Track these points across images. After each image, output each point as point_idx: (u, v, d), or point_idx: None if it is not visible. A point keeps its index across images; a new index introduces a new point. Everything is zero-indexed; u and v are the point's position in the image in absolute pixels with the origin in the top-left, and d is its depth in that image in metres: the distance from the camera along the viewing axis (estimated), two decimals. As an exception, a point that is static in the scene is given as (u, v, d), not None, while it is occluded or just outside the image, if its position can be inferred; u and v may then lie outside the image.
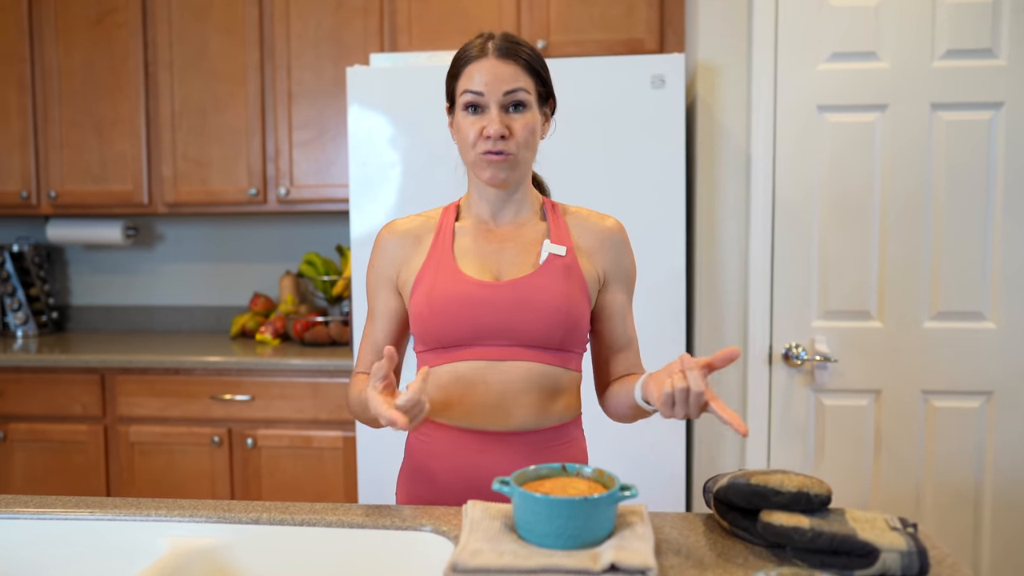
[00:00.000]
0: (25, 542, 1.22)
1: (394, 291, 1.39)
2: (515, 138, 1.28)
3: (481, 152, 1.28)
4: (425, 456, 1.34)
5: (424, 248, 1.36)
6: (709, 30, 2.41)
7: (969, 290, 2.33)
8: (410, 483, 1.38)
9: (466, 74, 1.30)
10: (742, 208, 2.43)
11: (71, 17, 3.03)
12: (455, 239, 1.36)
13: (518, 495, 0.97)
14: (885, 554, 0.95)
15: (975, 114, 2.30)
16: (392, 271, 1.38)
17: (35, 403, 2.81)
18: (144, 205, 3.05)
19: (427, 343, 1.33)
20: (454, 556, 0.91)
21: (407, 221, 1.41)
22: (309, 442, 2.71)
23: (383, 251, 1.39)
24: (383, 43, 2.89)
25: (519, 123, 1.28)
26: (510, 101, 1.28)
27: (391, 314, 1.39)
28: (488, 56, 1.29)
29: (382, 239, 1.40)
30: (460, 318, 1.28)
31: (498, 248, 1.34)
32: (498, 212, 1.37)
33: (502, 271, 1.33)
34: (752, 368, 2.41)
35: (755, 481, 1.05)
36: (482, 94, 1.27)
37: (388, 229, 1.41)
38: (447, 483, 1.30)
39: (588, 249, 1.36)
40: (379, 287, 1.40)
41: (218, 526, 1.19)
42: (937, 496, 2.37)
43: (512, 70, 1.28)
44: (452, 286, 1.30)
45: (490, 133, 1.26)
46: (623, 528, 0.99)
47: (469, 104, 1.29)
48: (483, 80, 1.27)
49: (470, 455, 1.29)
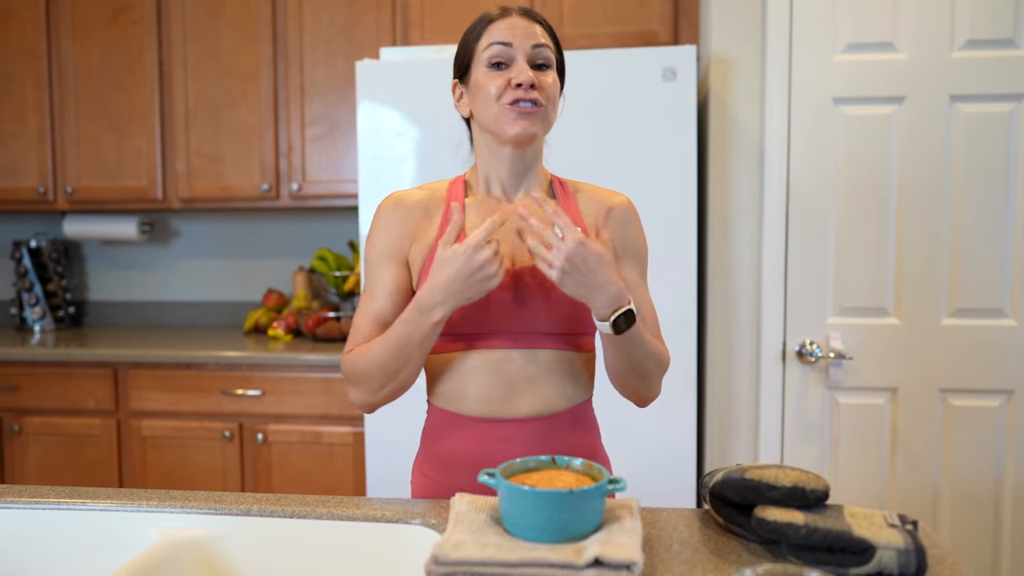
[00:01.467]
0: (17, 531, 1.22)
1: (403, 266, 1.31)
2: (545, 91, 1.25)
3: (508, 102, 1.24)
4: (441, 444, 1.31)
5: (434, 224, 1.30)
6: (722, 22, 2.38)
7: (989, 287, 2.27)
8: (426, 472, 1.34)
9: (489, 32, 1.27)
10: (756, 202, 2.39)
11: (87, 15, 3.05)
12: (466, 215, 1.31)
13: (503, 487, 0.95)
14: (881, 551, 0.91)
15: (995, 106, 2.25)
16: (404, 243, 1.30)
17: (49, 397, 2.83)
18: (159, 201, 3.07)
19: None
20: (436, 548, 0.89)
21: (414, 193, 1.34)
22: (319, 437, 2.71)
23: (390, 223, 1.31)
24: (395, 38, 2.89)
25: (548, 78, 1.26)
26: (538, 57, 1.26)
27: (398, 291, 1.30)
28: (512, 15, 1.28)
29: (387, 211, 1.32)
30: (474, 306, 1.23)
31: (510, 227, 1.30)
32: (512, 184, 1.32)
33: (516, 255, 1.29)
34: (765, 365, 2.37)
35: (750, 476, 1.02)
36: (510, 44, 1.25)
37: (394, 201, 1.33)
38: (463, 471, 1.27)
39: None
40: (386, 261, 1.31)
41: (209, 517, 1.18)
42: (955, 496, 2.32)
43: (538, 29, 1.28)
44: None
45: (521, 80, 1.22)
46: (611, 522, 0.97)
47: (494, 58, 1.25)
48: (510, 32, 1.25)
49: (486, 443, 1.27)
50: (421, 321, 1.19)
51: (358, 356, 1.28)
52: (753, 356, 2.42)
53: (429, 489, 1.32)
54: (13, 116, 3.11)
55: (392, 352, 1.23)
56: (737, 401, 2.44)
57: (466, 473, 1.26)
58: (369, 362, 1.26)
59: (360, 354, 1.27)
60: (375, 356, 1.25)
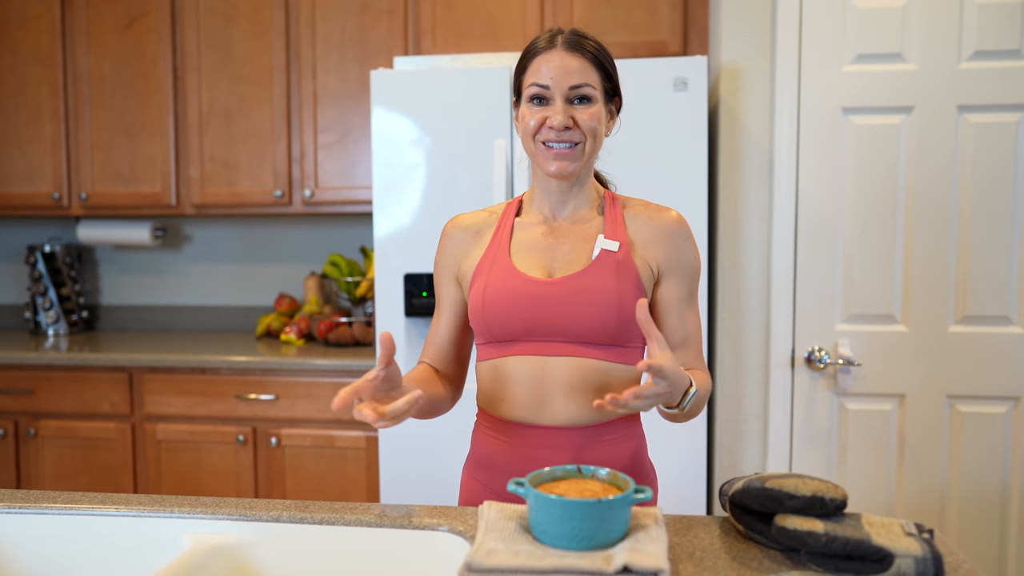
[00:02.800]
0: (52, 537, 1.25)
1: (455, 283, 1.42)
2: (580, 128, 1.30)
3: (543, 141, 1.31)
4: (488, 447, 1.37)
5: (484, 243, 1.39)
6: (732, 32, 2.41)
7: (996, 294, 2.30)
8: (475, 473, 1.40)
9: (533, 67, 1.32)
10: (765, 211, 2.42)
11: (102, 22, 3.08)
12: (513, 234, 1.38)
13: (533, 496, 0.98)
14: (900, 559, 0.94)
15: (1003, 116, 2.27)
16: (455, 263, 1.42)
17: (65, 401, 2.87)
18: (172, 206, 3.10)
19: (483, 337, 1.36)
20: (469, 556, 0.92)
21: (471, 216, 1.44)
22: (332, 441, 2.74)
23: (446, 244, 1.43)
24: (407, 46, 2.92)
25: (584, 114, 1.30)
26: (575, 95, 1.30)
27: (453, 306, 1.43)
28: (556, 48, 1.31)
29: (446, 233, 1.44)
30: (511, 314, 1.30)
31: (554, 244, 1.36)
32: (559, 206, 1.39)
33: (555, 267, 1.34)
34: (774, 371, 2.40)
35: (770, 485, 1.05)
36: (548, 87, 1.29)
37: (452, 223, 1.44)
38: (505, 475, 1.32)
39: (643, 242, 1.35)
40: (442, 279, 1.44)
41: (240, 523, 1.21)
42: (962, 502, 2.35)
43: (579, 64, 1.30)
44: (505, 282, 1.32)
45: (553, 124, 1.28)
46: (637, 530, 1.00)
47: (534, 96, 1.31)
48: (549, 73, 1.29)
49: (527, 448, 1.31)
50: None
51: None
52: (762, 362, 2.45)
53: (476, 490, 1.38)
54: (29, 122, 3.14)
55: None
56: (746, 407, 2.46)
57: (507, 478, 1.31)
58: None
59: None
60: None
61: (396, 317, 2.47)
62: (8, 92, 3.14)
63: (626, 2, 2.79)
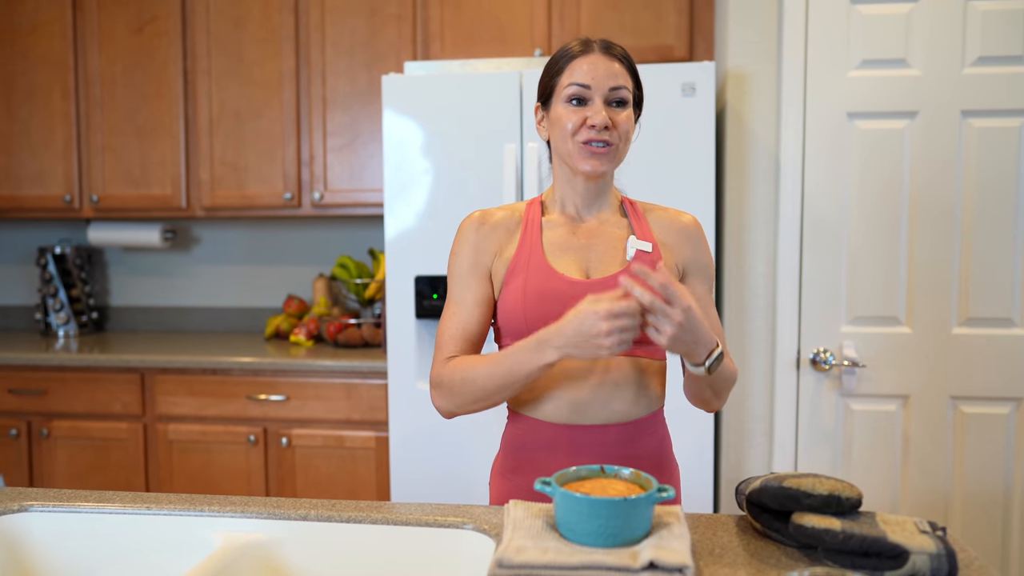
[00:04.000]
0: (84, 536, 1.28)
1: (487, 279, 1.40)
2: (618, 130, 1.33)
3: (582, 141, 1.33)
4: (521, 449, 1.38)
5: (515, 240, 1.39)
6: (739, 38, 2.44)
7: (999, 296, 2.34)
8: (509, 475, 1.40)
9: (570, 68, 1.34)
10: (771, 214, 2.45)
11: (113, 26, 3.11)
12: (543, 233, 1.39)
13: (560, 495, 1.01)
14: (915, 556, 0.98)
15: (1006, 121, 2.31)
16: (487, 259, 1.40)
17: (77, 401, 2.90)
18: (182, 209, 3.13)
19: (517, 336, 1.34)
20: (499, 552, 0.96)
21: (497, 212, 1.43)
22: (342, 442, 2.77)
23: (475, 239, 1.40)
24: (416, 51, 2.95)
25: (621, 116, 1.33)
26: (614, 97, 1.33)
27: (484, 303, 1.39)
28: (594, 52, 1.34)
29: (472, 228, 1.41)
30: (554, 315, 1.27)
31: (586, 244, 1.38)
32: (584, 207, 1.41)
33: (591, 268, 1.37)
34: (780, 372, 2.43)
35: (787, 484, 1.08)
36: (588, 87, 1.32)
37: (479, 219, 1.42)
38: (542, 473, 1.33)
39: (668, 244, 1.40)
40: (470, 275, 1.39)
41: (268, 522, 1.24)
42: (965, 501, 2.38)
43: (617, 68, 1.34)
44: (546, 283, 1.33)
45: (595, 123, 1.30)
46: (660, 528, 1.03)
47: (573, 96, 1.33)
48: (591, 74, 1.32)
49: (565, 449, 1.33)
50: (534, 357, 1.24)
51: (456, 369, 1.33)
52: (768, 364, 2.48)
53: (509, 491, 1.39)
54: (40, 125, 3.17)
55: (495, 377, 1.28)
56: (752, 407, 2.50)
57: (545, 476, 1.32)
58: (467, 380, 1.31)
59: (460, 368, 1.33)
60: (476, 376, 1.30)
61: (407, 319, 2.51)
62: (20, 96, 3.17)
63: (633, 7, 2.82)
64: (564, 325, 1.20)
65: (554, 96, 1.37)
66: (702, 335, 1.20)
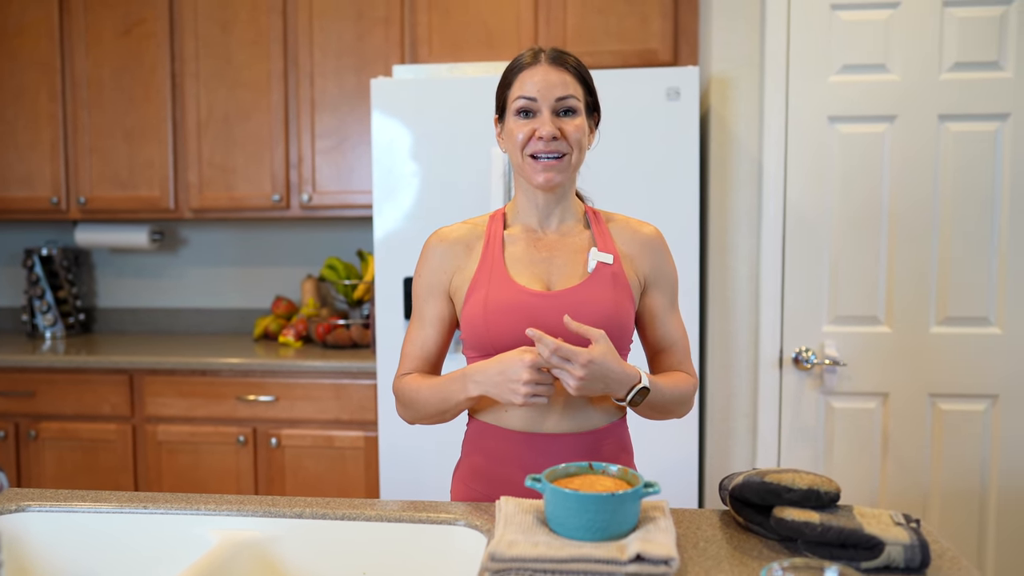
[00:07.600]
0: (82, 535, 1.30)
1: (445, 298, 1.43)
2: (568, 139, 1.34)
3: (531, 153, 1.35)
4: (481, 455, 1.41)
5: (475, 256, 1.41)
6: (723, 43, 2.49)
7: (975, 296, 2.40)
8: (469, 482, 1.43)
9: (519, 81, 1.36)
10: (754, 216, 2.50)
11: (101, 28, 3.12)
12: (505, 247, 1.41)
13: (550, 491, 1.05)
14: (890, 547, 1.02)
15: (982, 125, 2.37)
16: (444, 278, 1.42)
17: (65, 403, 2.90)
18: (170, 210, 3.14)
19: (480, 349, 1.37)
20: (492, 546, 0.99)
21: (456, 229, 1.45)
22: (331, 442, 2.79)
23: (432, 259, 1.43)
24: (403, 54, 2.97)
25: (570, 125, 1.35)
26: (562, 107, 1.35)
27: (441, 321, 1.43)
28: (541, 63, 1.36)
29: (431, 247, 1.44)
30: (515, 327, 1.31)
31: (547, 257, 1.40)
32: (545, 218, 1.42)
33: (553, 280, 1.38)
34: (763, 371, 2.48)
35: (769, 479, 1.12)
36: (535, 99, 1.34)
37: (437, 237, 1.44)
38: (502, 483, 1.35)
39: (630, 255, 1.42)
40: (429, 294, 1.43)
41: (263, 520, 1.27)
42: (943, 497, 2.44)
43: (563, 77, 1.35)
44: (506, 295, 1.35)
45: (543, 134, 1.32)
46: (647, 522, 1.07)
47: (521, 109, 1.35)
48: (536, 87, 1.34)
49: (524, 455, 1.35)
50: (459, 388, 1.33)
51: (408, 387, 1.42)
52: (751, 363, 2.53)
53: (470, 498, 1.42)
54: (27, 127, 3.17)
55: (434, 402, 1.38)
56: (736, 406, 2.55)
57: (505, 486, 1.34)
58: (415, 400, 1.41)
59: (411, 387, 1.42)
60: (419, 398, 1.40)
61: (396, 320, 2.53)
62: (7, 97, 3.17)
63: (618, 11, 2.86)
64: (490, 365, 1.27)
65: (507, 109, 1.39)
66: (615, 378, 1.25)
